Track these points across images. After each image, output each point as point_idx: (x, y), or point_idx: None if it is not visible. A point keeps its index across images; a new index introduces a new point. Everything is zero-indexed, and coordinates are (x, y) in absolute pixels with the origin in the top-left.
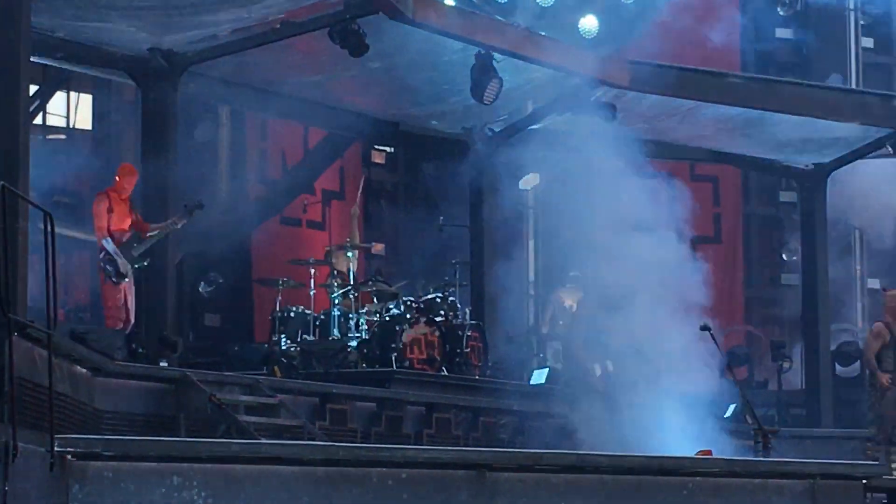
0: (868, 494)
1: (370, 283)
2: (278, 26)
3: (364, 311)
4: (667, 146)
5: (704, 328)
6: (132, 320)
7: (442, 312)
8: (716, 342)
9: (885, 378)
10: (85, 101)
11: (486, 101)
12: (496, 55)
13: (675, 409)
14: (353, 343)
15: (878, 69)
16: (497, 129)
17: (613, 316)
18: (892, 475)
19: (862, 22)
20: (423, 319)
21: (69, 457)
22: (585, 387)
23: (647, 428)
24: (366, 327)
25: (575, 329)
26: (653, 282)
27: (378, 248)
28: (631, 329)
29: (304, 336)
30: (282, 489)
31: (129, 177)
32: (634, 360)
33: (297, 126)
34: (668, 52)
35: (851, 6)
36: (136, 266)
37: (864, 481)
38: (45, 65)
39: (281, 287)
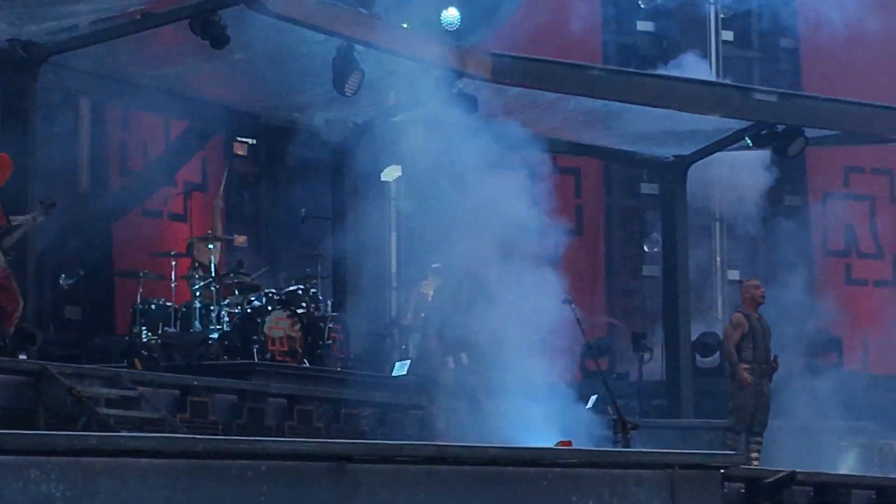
0: (726, 484)
1: (232, 275)
2: (139, 17)
3: (226, 303)
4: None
5: (567, 301)
6: (21, 301)
7: (304, 304)
8: (576, 317)
9: (746, 375)
10: None
11: (347, 93)
12: (357, 47)
13: (535, 400)
14: (215, 335)
15: (738, 62)
16: (359, 121)
17: (472, 307)
18: (750, 465)
19: (722, 15)
20: (285, 311)
21: None
22: (440, 379)
23: (507, 419)
24: (227, 319)
25: (431, 320)
26: (513, 273)
27: (240, 240)
28: (490, 320)
29: (166, 328)
30: (141, 482)
31: (5, 169)
32: (493, 351)
33: (159, 118)
34: (530, 44)
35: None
36: (8, 258)
37: (722, 471)
38: None
39: (142, 279)
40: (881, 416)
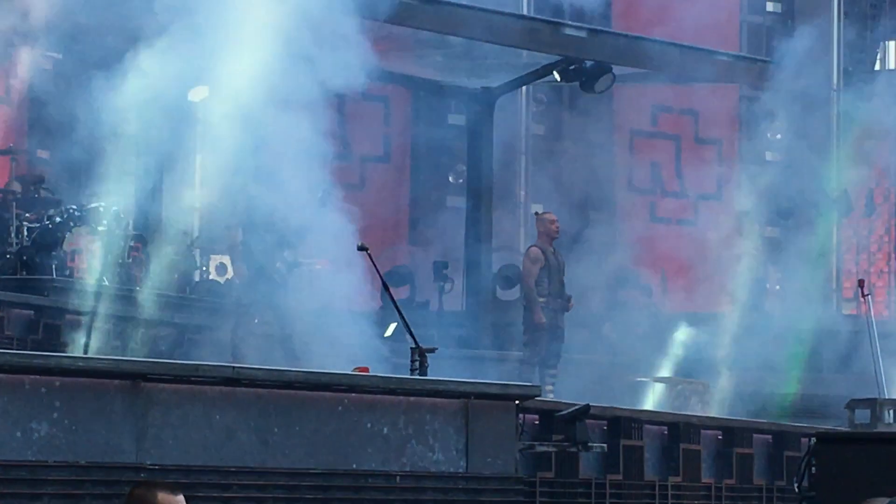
0: (520, 415)
1: (33, 188)
2: None
3: (26, 216)
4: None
5: (361, 248)
6: None
7: (105, 222)
8: (373, 263)
9: (542, 317)
10: None
11: None
12: None
13: (334, 326)
14: (14, 249)
15: None
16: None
17: (273, 230)
18: (545, 397)
19: None
20: (85, 228)
21: None
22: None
23: (306, 343)
24: (27, 234)
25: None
26: (318, 198)
27: (43, 153)
28: (293, 245)
29: None
30: None
31: None
32: (294, 276)
33: None
34: None
35: None
36: None
37: (517, 402)
38: None
39: None
40: (677, 354)
